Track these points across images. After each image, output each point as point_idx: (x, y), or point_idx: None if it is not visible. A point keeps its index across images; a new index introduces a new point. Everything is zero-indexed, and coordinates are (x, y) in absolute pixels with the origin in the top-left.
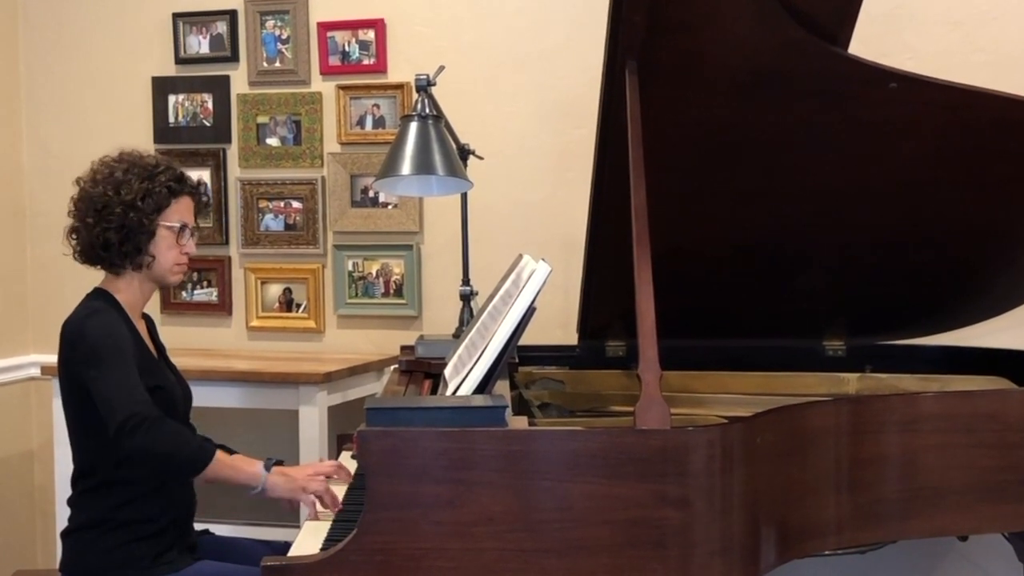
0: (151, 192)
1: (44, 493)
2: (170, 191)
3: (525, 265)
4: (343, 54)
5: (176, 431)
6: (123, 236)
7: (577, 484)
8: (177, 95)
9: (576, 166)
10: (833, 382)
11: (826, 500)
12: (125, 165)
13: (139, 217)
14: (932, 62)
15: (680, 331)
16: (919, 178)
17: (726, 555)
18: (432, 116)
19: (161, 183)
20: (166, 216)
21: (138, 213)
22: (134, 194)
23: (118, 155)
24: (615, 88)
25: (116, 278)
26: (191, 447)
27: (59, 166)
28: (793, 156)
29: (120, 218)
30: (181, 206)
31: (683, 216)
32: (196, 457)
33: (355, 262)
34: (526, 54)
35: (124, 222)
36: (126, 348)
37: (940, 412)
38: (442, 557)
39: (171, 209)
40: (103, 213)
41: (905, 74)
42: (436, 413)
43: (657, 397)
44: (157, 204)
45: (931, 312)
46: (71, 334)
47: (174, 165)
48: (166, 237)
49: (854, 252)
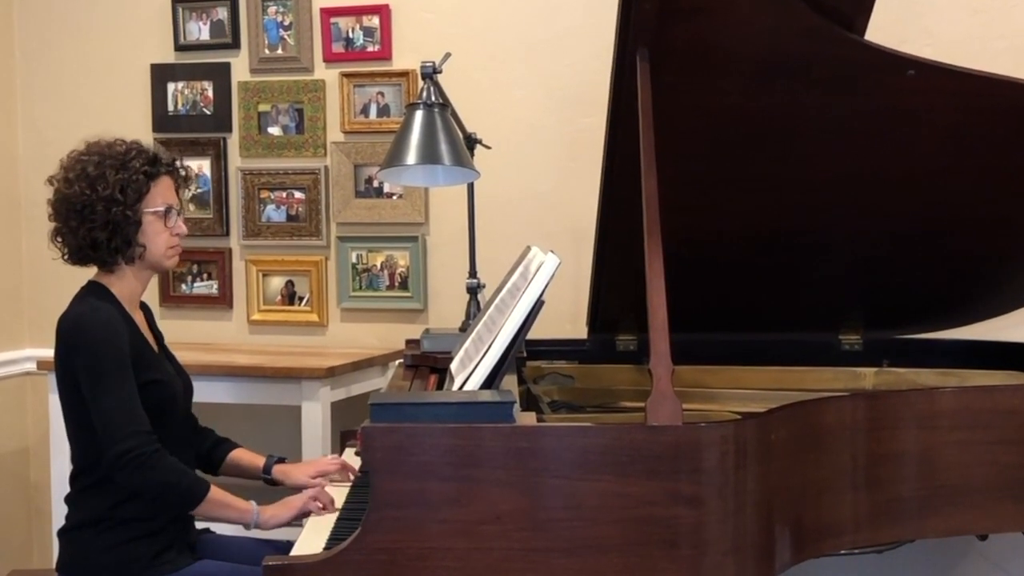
0: (129, 181)
1: (40, 491)
2: (147, 175)
3: (533, 257)
4: (347, 40)
5: (169, 469)
6: (110, 232)
7: (586, 482)
8: (176, 83)
9: (586, 155)
10: (849, 377)
11: (842, 498)
12: (95, 158)
13: (122, 210)
14: (951, 49)
15: (692, 324)
16: (937, 167)
17: (739, 555)
18: (438, 104)
19: (136, 169)
20: (149, 202)
21: (120, 206)
22: (112, 187)
23: (85, 148)
24: (626, 75)
25: (110, 271)
26: (182, 487)
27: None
28: (808, 144)
29: (103, 215)
30: (161, 187)
31: (695, 206)
32: (186, 499)
33: (359, 254)
34: (534, 40)
35: (108, 218)
36: (123, 354)
37: (959, 408)
38: (448, 556)
39: (152, 193)
40: (84, 213)
41: (923, 61)
42: (442, 409)
43: (669, 392)
44: (137, 192)
45: (950, 305)
46: (66, 332)
47: (144, 147)
48: (153, 223)
49: (870, 243)
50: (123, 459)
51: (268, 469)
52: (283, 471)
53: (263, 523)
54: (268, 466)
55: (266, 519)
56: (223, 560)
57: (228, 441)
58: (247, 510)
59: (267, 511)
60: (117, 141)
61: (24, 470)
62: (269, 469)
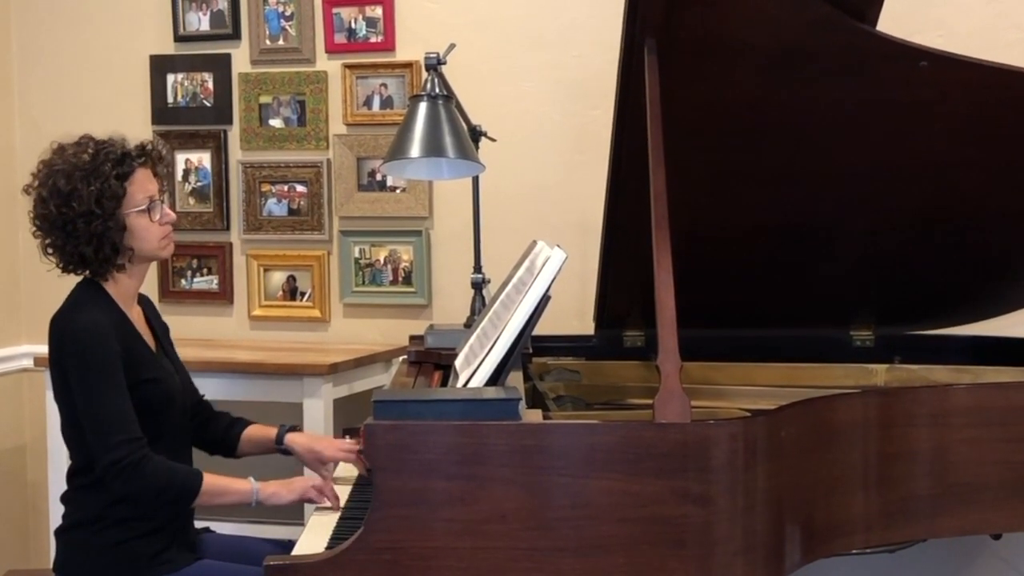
0: (103, 191)
1: (37, 489)
2: (120, 177)
3: (540, 251)
4: (349, 31)
5: (158, 473)
6: (96, 245)
7: (593, 480)
8: (176, 74)
9: (593, 148)
10: (861, 373)
11: (853, 497)
12: (63, 168)
13: (103, 221)
14: (964, 40)
15: (701, 320)
16: (951, 160)
17: (749, 554)
18: (442, 96)
19: (107, 174)
20: (129, 202)
21: (100, 219)
22: (87, 203)
23: (50, 157)
24: (634, 66)
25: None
26: (175, 487)
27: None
28: (819, 137)
29: (85, 231)
30: (139, 182)
31: (704, 200)
32: (181, 497)
33: (362, 248)
34: (541, 31)
35: (91, 232)
36: (112, 358)
37: (973, 405)
38: (452, 556)
39: (130, 193)
40: (67, 230)
41: (936, 52)
42: (446, 406)
43: (677, 389)
44: (115, 198)
45: (963, 301)
46: (56, 335)
47: (110, 144)
48: (139, 221)
49: (882, 237)
50: (112, 470)
51: (281, 440)
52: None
53: (264, 500)
54: (280, 437)
55: (267, 496)
56: (224, 560)
57: (241, 421)
58: (247, 490)
59: (268, 487)
60: (83, 141)
61: (20, 468)
62: (281, 439)
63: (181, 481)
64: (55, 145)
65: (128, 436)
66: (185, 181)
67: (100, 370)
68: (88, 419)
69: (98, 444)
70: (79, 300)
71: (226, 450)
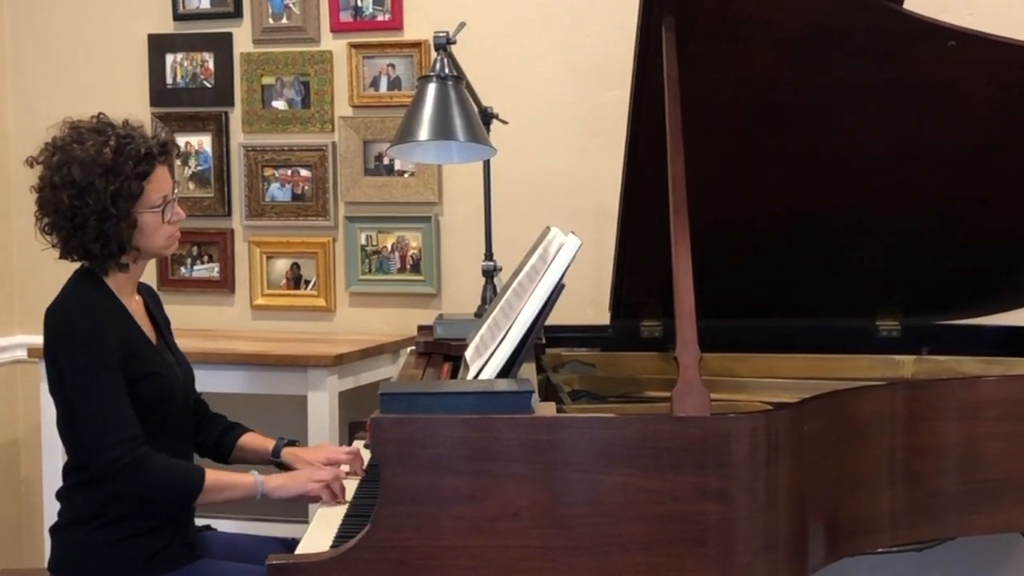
0: (120, 190)
1: (31, 485)
2: (140, 176)
3: (553, 238)
4: (355, 9)
5: (159, 470)
6: (103, 242)
7: (609, 476)
8: (175, 54)
9: (608, 131)
10: (887, 365)
11: (880, 493)
12: (80, 160)
13: (116, 222)
14: (993, 18)
15: (721, 310)
16: (980, 143)
17: (771, 553)
18: (452, 77)
19: (128, 174)
20: (144, 201)
21: (114, 219)
22: (103, 200)
23: (65, 139)
24: (651, 46)
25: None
26: (176, 484)
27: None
28: (844, 119)
29: (95, 228)
30: (156, 181)
31: (725, 185)
32: (183, 494)
33: (368, 235)
34: (554, 9)
35: (101, 229)
36: (110, 353)
37: (1004, 398)
38: (462, 555)
39: (147, 192)
40: (76, 222)
41: (965, 31)
42: (456, 399)
43: (696, 381)
44: (131, 198)
45: (992, 289)
46: (52, 326)
47: (133, 139)
48: (150, 221)
49: (909, 223)
50: (111, 468)
51: (277, 452)
52: (293, 454)
53: (269, 492)
54: (277, 449)
55: (272, 488)
56: (226, 559)
57: (238, 427)
58: (250, 484)
59: (274, 480)
60: (102, 128)
61: (14, 464)
62: (278, 452)
63: (183, 479)
64: (68, 123)
65: (125, 434)
66: (185, 165)
67: (98, 365)
68: (84, 418)
69: (95, 442)
70: (76, 291)
71: (218, 455)
